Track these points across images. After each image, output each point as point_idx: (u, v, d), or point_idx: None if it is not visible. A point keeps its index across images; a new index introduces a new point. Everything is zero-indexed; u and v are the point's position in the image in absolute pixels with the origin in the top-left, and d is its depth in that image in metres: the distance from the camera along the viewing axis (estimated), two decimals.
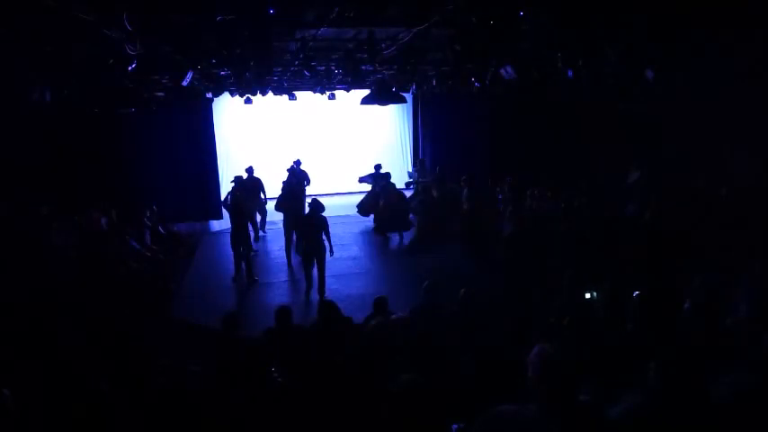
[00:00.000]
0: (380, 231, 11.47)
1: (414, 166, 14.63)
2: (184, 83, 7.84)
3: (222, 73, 9.14)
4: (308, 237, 8.16)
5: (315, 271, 8.26)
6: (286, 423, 4.33)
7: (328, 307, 5.42)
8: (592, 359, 4.36)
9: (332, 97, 12.84)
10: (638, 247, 7.91)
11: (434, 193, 11.38)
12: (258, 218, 11.91)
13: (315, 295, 8.22)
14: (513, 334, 5.01)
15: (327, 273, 8.37)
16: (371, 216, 11.85)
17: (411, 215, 11.30)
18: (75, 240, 8.71)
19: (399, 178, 13.16)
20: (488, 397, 3.67)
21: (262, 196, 11.85)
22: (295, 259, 9.83)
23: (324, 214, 8.26)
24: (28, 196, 9.03)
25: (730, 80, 7.81)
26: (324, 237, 8.13)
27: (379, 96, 8.80)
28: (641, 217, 8.74)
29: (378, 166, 12.15)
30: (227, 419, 4.30)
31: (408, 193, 12.15)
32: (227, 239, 9.23)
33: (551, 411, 2.46)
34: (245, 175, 11.20)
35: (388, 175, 11.65)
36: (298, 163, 12.00)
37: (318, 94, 12.72)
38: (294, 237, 9.69)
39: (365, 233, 11.81)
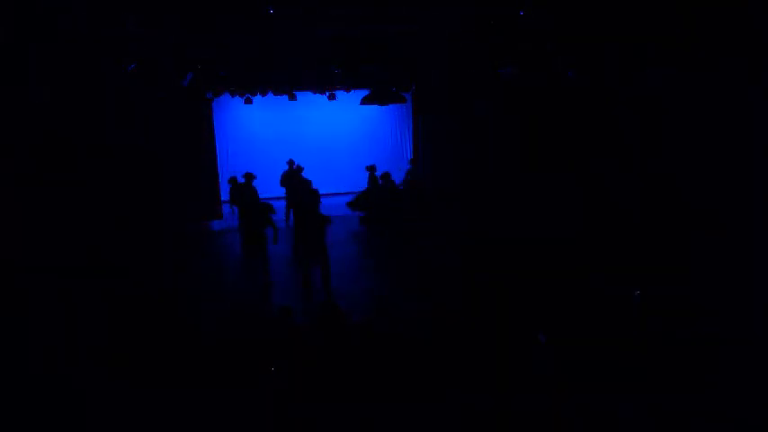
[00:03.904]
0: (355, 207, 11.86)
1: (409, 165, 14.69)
2: (184, 83, 7.84)
3: (222, 73, 9.15)
4: (318, 236, 8.13)
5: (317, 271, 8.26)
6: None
7: (328, 307, 5.43)
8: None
9: (332, 97, 12.84)
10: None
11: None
12: None
13: (317, 295, 8.20)
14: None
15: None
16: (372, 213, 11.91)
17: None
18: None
19: (398, 178, 13.15)
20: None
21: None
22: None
23: (324, 214, 8.27)
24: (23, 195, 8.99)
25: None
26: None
27: (379, 96, 8.79)
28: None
29: (372, 167, 12.24)
30: None
31: None
32: (227, 239, 9.19)
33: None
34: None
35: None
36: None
37: (318, 94, 12.72)
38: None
39: (365, 232, 11.81)
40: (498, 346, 5.35)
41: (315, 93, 12.74)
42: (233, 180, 11.44)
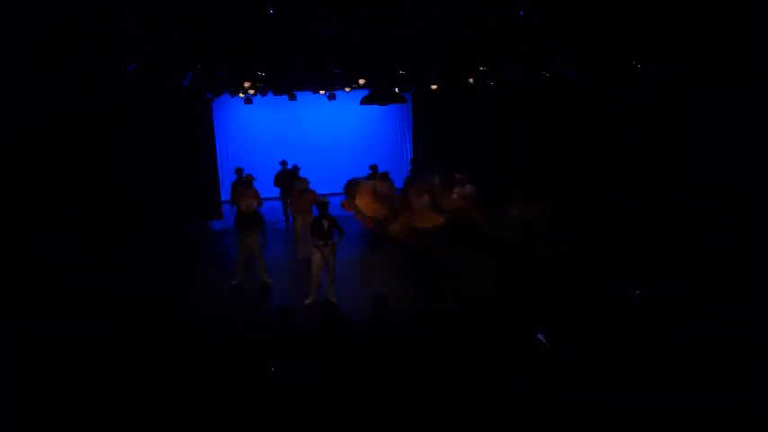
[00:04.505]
0: None
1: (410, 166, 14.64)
2: (184, 83, 7.83)
3: (222, 73, 9.14)
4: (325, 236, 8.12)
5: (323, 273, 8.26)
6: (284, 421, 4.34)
7: (329, 307, 5.43)
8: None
9: (332, 97, 12.83)
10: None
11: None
12: None
13: (318, 296, 8.18)
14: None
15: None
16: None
17: None
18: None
19: (398, 178, 13.12)
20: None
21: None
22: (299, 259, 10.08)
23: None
24: (23, 195, 8.98)
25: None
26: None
27: (379, 96, 8.78)
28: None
29: (374, 167, 12.22)
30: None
31: None
32: (228, 239, 9.17)
33: None
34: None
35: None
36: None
37: (318, 94, 12.71)
38: (303, 237, 9.78)
39: (365, 233, 11.80)
40: (498, 345, 5.36)
41: (315, 93, 12.73)
42: (239, 171, 11.44)
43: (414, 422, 4.42)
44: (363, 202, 10.93)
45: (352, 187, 11.72)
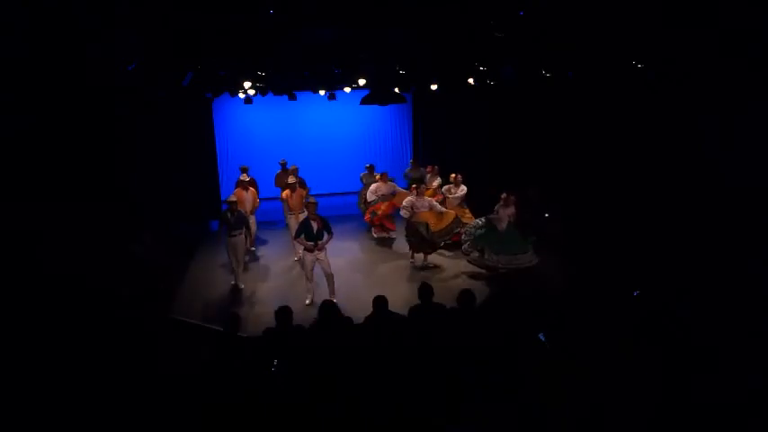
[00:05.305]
0: None
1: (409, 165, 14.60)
2: (184, 83, 7.83)
3: (222, 73, 9.14)
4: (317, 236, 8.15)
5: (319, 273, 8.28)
6: (284, 421, 4.34)
7: (328, 307, 5.43)
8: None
9: (332, 97, 12.81)
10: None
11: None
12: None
13: (317, 297, 8.19)
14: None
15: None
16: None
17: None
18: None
19: (399, 178, 13.12)
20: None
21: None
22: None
23: (324, 214, 8.30)
24: (24, 196, 9.01)
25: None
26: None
27: (379, 96, 8.77)
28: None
29: (371, 167, 12.23)
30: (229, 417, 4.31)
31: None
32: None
33: None
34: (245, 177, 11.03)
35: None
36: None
37: (318, 94, 12.70)
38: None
39: (365, 232, 11.80)
40: (498, 345, 5.35)
41: (315, 93, 12.72)
42: (244, 169, 11.37)
43: (414, 422, 4.43)
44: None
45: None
